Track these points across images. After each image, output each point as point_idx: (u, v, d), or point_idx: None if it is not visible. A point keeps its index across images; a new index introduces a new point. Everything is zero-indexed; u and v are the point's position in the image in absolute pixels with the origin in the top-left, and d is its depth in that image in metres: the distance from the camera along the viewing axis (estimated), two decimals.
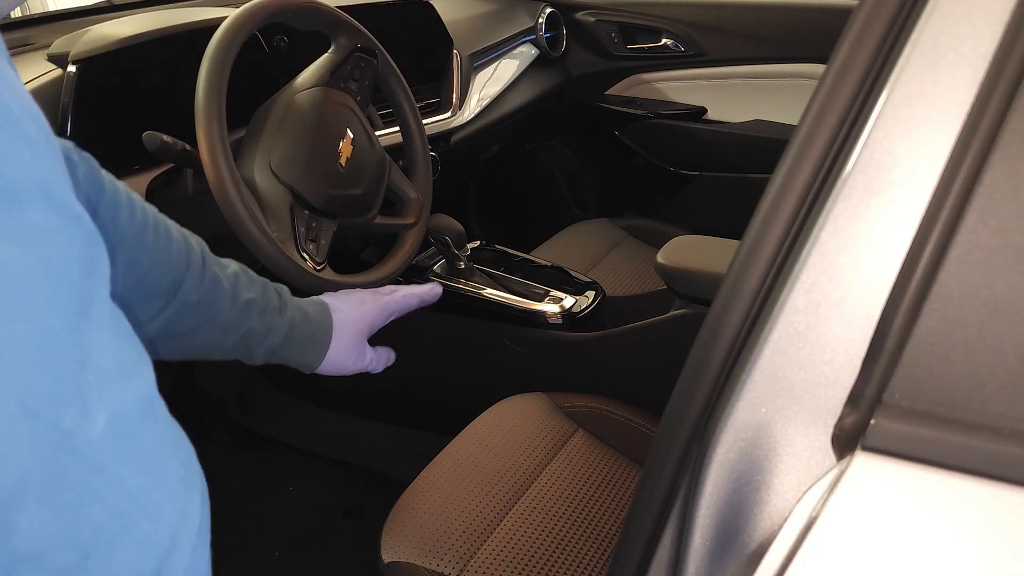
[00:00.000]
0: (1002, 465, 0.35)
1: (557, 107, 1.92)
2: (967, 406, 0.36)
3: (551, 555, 0.91)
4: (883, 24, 0.39)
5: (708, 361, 0.43)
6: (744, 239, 0.43)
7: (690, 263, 1.12)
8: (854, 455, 0.37)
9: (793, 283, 0.39)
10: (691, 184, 1.86)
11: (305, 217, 0.96)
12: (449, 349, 1.38)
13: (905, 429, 0.36)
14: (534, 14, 1.82)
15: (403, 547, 0.89)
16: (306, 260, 0.95)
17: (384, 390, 1.50)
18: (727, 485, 0.41)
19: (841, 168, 0.39)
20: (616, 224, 1.77)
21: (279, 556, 1.36)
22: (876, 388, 0.37)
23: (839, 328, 0.39)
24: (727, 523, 0.41)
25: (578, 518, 0.96)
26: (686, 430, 0.43)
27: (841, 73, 0.40)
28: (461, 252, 1.28)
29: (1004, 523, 0.35)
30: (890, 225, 0.38)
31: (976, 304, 0.36)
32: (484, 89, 1.61)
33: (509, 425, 1.08)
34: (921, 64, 0.38)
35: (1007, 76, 0.36)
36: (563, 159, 2.04)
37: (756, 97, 1.78)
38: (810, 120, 0.41)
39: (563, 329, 1.26)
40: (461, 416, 1.11)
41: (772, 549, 0.38)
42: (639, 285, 1.52)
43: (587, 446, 1.08)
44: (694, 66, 1.83)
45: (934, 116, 0.38)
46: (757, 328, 0.41)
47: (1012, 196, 0.35)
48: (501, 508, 0.95)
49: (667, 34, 1.82)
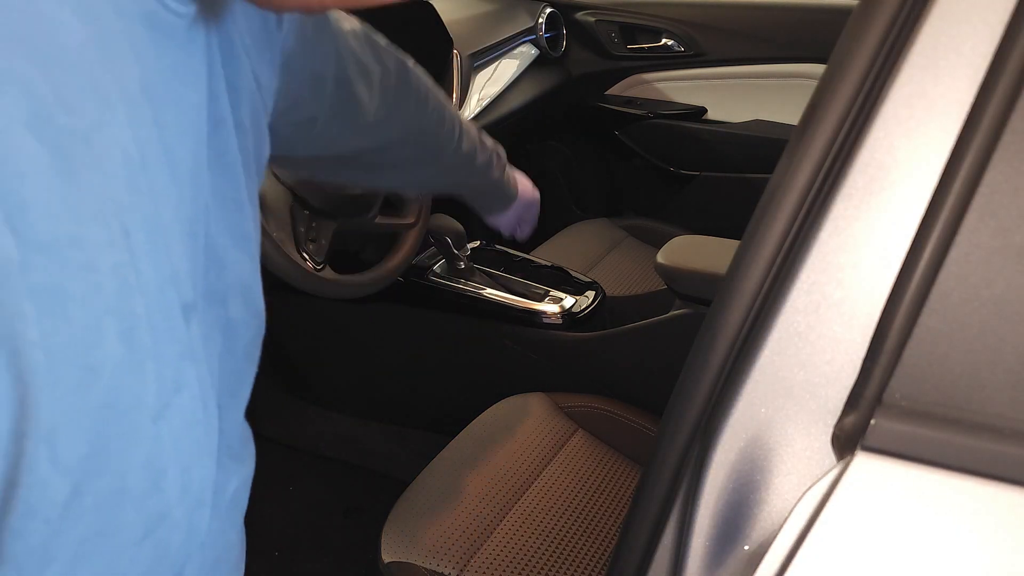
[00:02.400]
0: (1002, 465, 0.35)
1: (557, 107, 1.91)
2: (967, 406, 0.36)
3: (551, 555, 0.91)
4: (883, 24, 0.39)
5: (708, 361, 0.43)
6: (744, 239, 0.43)
7: (690, 263, 1.12)
8: (854, 455, 0.37)
9: (793, 283, 0.39)
10: (691, 184, 1.86)
11: (305, 217, 0.96)
12: (449, 349, 1.38)
13: (905, 429, 0.36)
14: (534, 14, 1.82)
15: (403, 547, 0.89)
16: (306, 260, 0.95)
17: (384, 390, 1.50)
18: (727, 485, 0.41)
19: (841, 168, 0.39)
20: (616, 224, 1.77)
21: (279, 556, 1.36)
22: (876, 388, 0.37)
23: (839, 328, 0.39)
24: (727, 523, 0.41)
25: (578, 518, 0.96)
26: (686, 430, 0.43)
27: (841, 73, 0.40)
28: (461, 252, 1.28)
29: (1004, 523, 0.35)
30: (890, 225, 0.38)
31: (976, 304, 0.36)
32: (484, 89, 1.61)
33: (509, 425, 1.08)
34: (921, 64, 0.38)
35: (1007, 76, 0.36)
36: (563, 159, 2.04)
37: (756, 97, 1.78)
38: (810, 120, 0.41)
39: (563, 329, 1.26)
40: (461, 416, 1.11)
41: (772, 549, 0.38)
42: (639, 285, 1.52)
43: (587, 446, 1.08)
44: (694, 66, 1.83)
45: (934, 116, 0.38)
46: (757, 328, 0.41)
47: (1012, 196, 0.35)
48: (501, 508, 0.95)
49: (667, 34, 1.82)
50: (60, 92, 0.24)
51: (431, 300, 1.32)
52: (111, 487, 0.26)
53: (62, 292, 0.23)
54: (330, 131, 0.62)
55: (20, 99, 0.22)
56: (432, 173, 0.83)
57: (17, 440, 0.22)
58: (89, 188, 0.24)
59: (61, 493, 0.24)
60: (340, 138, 0.65)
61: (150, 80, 0.28)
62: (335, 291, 1.03)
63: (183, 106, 0.31)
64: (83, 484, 0.25)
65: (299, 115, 0.57)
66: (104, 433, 0.25)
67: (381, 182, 0.88)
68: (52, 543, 0.25)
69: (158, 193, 0.28)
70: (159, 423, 0.28)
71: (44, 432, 0.23)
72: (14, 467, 0.22)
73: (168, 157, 0.29)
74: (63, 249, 0.23)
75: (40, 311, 0.22)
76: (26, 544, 0.24)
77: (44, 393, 0.23)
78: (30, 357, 0.22)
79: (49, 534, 0.24)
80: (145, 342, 0.27)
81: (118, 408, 0.26)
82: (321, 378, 1.56)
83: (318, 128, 0.60)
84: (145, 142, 0.28)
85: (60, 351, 0.23)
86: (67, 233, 0.23)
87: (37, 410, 0.22)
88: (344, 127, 0.63)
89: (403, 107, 0.70)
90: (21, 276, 0.22)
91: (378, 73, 0.64)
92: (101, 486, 0.26)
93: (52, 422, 0.23)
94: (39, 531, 0.24)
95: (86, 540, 0.26)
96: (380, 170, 0.77)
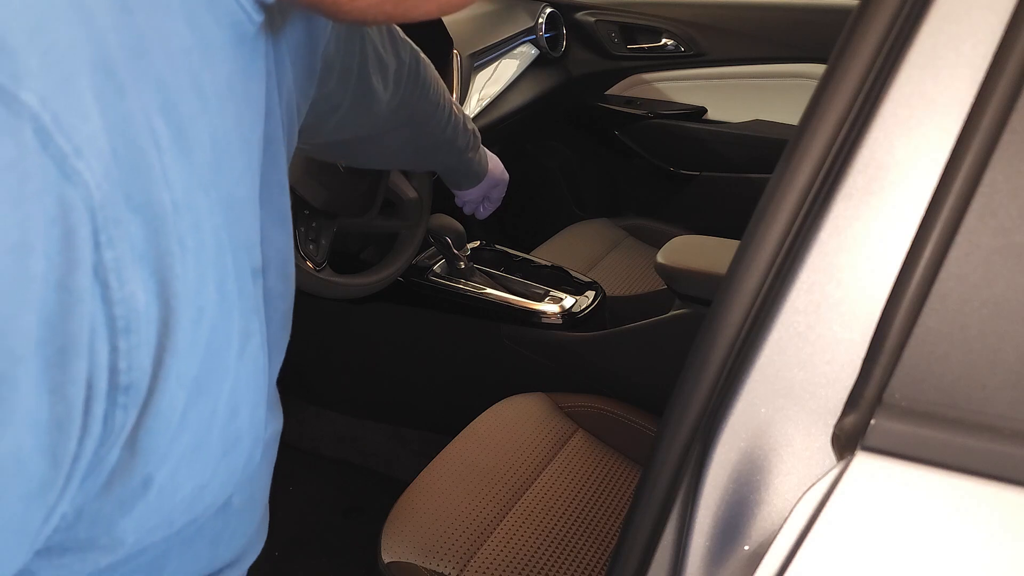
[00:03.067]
0: (1002, 465, 0.35)
1: (557, 107, 1.91)
2: (967, 406, 0.36)
3: (551, 555, 0.91)
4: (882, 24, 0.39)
5: (708, 361, 0.43)
6: (744, 239, 0.43)
7: (690, 263, 1.12)
8: (854, 455, 0.37)
9: (793, 283, 0.39)
10: (691, 184, 1.86)
11: (305, 217, 0.96)
12: (449, 349, 1.38)
13: (905, 429, 0.36)
14: (534, 14, 1.82)
15: (403, 547, 0.89)
16: (306, 260, 0.95)
17: (384, 390, 1.50)
18: (727, 485, 0.41)
19: (841, 168, 0.39)
20: (616, 224, 1.77)
21: (279, 556, 1.36)
22: (876, 388, 0.37)
23: (839, 328, 0.39)
24: (727, 523, 0.41)
25: (578, 518, 0.96)
26: (686, 430, 0.43)
27: (841, 73, 0.40)
28: (461, 252, 1.28)
29: (1004, 523, 0.35)
30: (890, 225, 0.38)
31: (976, 304, 0.36)
32: (484, 89, 1.61)
33: (509, 425, 1.08)
34: (921, 64, 0.38)
35: (1007, 76, 0.36)
36: (563, 159, 2.04)
37: (756, 97, 1.78)
38: (810, 120, 0.41)
39: (563, 329, 1.26)
40: (461, 416, 1.11)
41: (772, 549, 0.38)
42: (639, 285, 1.52)
43: (587, 446, 1.08)
44: (694, 66, 1.83)
45: (934, 116, 0.38)
46: (757, 328, 0.41)
47: (1012, 196, 0.35)
48: (501, 508, 0.95)
49: (667, 34, 1.82)
50: (178, 84, 0.29)
51: (431, 300, 1.32)
52: (208, 408, 0.32)
53: (183, 243, 0.29)
54: (348, 119, 0.68)
55: (155, 92, 0.28)
56: (422, 155, 0.88)
57: (159, 353, 0.28)
58: (195, 163, 0.30)
59: (179, 404, 0.30)
60: (352, 125, 0.70)
61: (234, 79, 0.34)
62: (335, 291, 1.03)
63: (251, 102, 0.36)
64: (192, 401, 0.31)
65: (326, 105, 0.63)
66: (206, 364, 0.31)
67: (371, 161, 0.94)
68: (170, 445, 0.30)
69: (236, 174, 0.34)
70: (239, 362, 0.34)
71: (175, 351, 0.28)
72: (155, 376, 0.28)
73: (245, 146, 0.35)
74: (182, 209, 0.29)
75: (181, 253, 0.28)
76: (153, 442, 0.29)
77: (178, 318, 0.28)
78: (173, 287, 0.28)
79: (169, 437, 0.30)
80: (231, 293, 0.33)
81: (214, 345, 0.31)
82: (321, 378, 1.56)
83: (338, 117, 0.67)
84: (230, 130, 0.33)
85: (183, 290, 0.29)
86: (184, 197, 0.29)
87: (174, 331, 0.28)
88: (360, 116, 0.69)
89: (415, 97, 0.76)
90: (173, 223, 0.28)
91: (394, 65, 0.71)
92: (202, 406, 0.32)
93: (179, 345, 0.29)
94: (163, 434, 0.30)
95: (190, 448, 0.32)
96: (376, 153, 0.83)
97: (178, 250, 0.28)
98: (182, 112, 0.29)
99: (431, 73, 0.78)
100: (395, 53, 0.71)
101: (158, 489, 0.31)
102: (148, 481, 0.30)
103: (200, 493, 0.35)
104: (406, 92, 0.74)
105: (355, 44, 0.62)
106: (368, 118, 0.71)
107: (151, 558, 0.37)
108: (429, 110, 0.80)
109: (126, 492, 0.30)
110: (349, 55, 0.62)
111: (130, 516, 0.31)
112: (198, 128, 0.30)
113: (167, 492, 0.32)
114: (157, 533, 0.34)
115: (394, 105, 0.73)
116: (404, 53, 0.73)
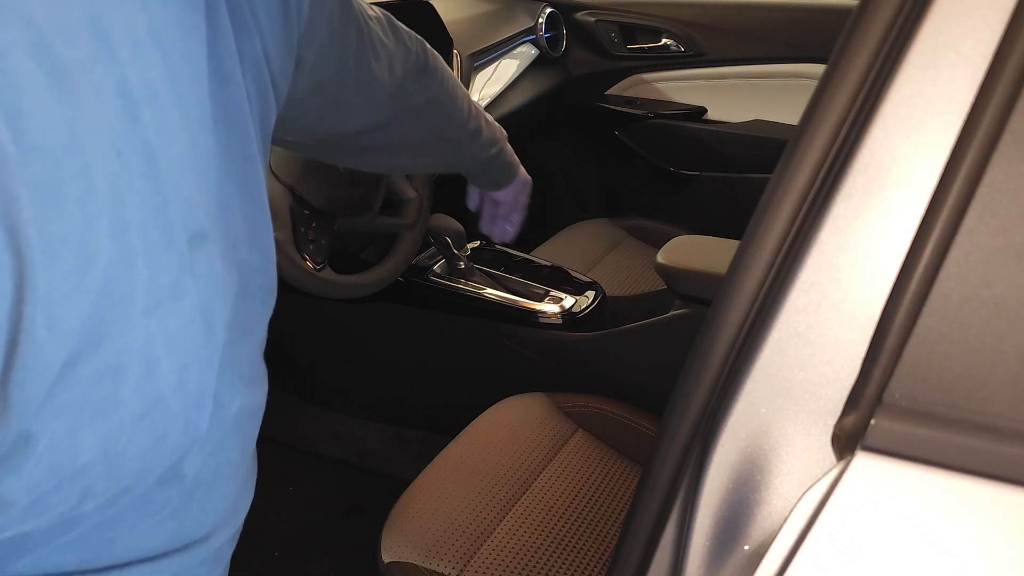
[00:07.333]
0: (1002, 465, 0.35)
1: (557, 107, 1.91)
2: (967, 406, 0.36)
3: (551, 555, 0.91)
4: (882, 24, 0.39)
5: (708, 361, 0.43)
6: (744, 239, 0.43)
7: (690, 263, 1.13)
8: (854, 455, 0.37)
9: (793, 283, 0.39)
10: (691, 184, 1.86)
11: (305, 217, 0.96)
12: (449, 349, 1.38)
13: (905, 429, 0.36)
14: (534, 14, 1.82)
15: (403, 547, 0.89)
16: (306, 260, 0.95)
17: (384, 390, 1.50)
18: (727, 485, 0.41)
19: (841, 168, 0.39)
20: (616, 224, 1.77)
21: (279, 556, 1.36)
22: (876, 388, 0.37)
23: (839, 328, 0.39)
24: (727, 523, 0.41)
25: (578, 518, 0.96)
26: (686, 430, 0.43)
27: (841, 73, 0.40)
28: (461, 252, 1.28)
29: (1004, 523, 0.35)
30: (890, 225, 0.38)
31: (976, 304, 0.36)
32: (484, 89, 1.61)
33: (509, 425, 1.08)
34: (921, 64, 0.38)
35: (1007, 76, 0.36)
36: (563, 159, 2.04)
37: (756, 97, 1.78)
38: (810, 120, 0.41)
39: (563, 329, 1.26)
40: (461, 416, 1.11)
41: (772, 549, 0.38)
42: (639, 285, 1.52)
43: (587, 446, 1.08)
44: (694, 66, 1.83)
45: (934, 116, 0.38)
46: (757, 328, 0.41)
47: (1012, 196, 0.35)
48: (501, 508, 0.95)
49: (667, 34, 1.82)
50: (60, 25, 0.28)
51: (431, 300, 1.32)
52: (108, 363, 0.31)
53: (57, 189, 0.27)
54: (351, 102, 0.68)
55: (22, 30, 0.26)
56: (446, 151, 0.87)
57: (16, 304, 0.26)
58: (86, 109, 0.28)
59: (57, 357, 0.28)
60: (357, 114, 0.70)
61: (158, 29, 0.33)
62: (335, 291, 1.03)
63: (190, 58, 0.35)
64: (79, 354, 0.29)
65: (325, 97, 0.63)
66: (99, 315, 0.30)
67: (398, 165, 0.93)
68: (50, 400, 0.29)
69: (167, 128, 0.33)
70: (149, 318, 0.32)
71: (40, 300, 0.27)
72: (15, 327, 0.27)
73: (180, 101, 0.34)
74: (58, 154, 0.27)
75: (34, 198, 0.27)
76: (25, 395, 0.28)
77: (40, 267, 0.27)
78: (25, 234, 0.26)
79: (46, 391, 0.29)
80: (135, 245, 0.31)
81: (112, 296, 0.30)
82: (321, 378, 1.56)
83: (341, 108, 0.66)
84: (155, 82, 0.32)
85: (57, 236, 0.27)
86: (62, 142, 0.27)
87: (34, 280, 0.27)
88: (362, 103, 0.69)
89: (431, 85, 0.76)
90: (17, 168, 0.26)
91: (400, 53, 0.71)
92: (97, 360, 0.30)
93: (49, 293, 0.27)
94: (36, 386, 0.28)
95: (86, 406, 0.30)
96: (398, 152, 0.82)
97: (28, 195, 0.26)
98: (61, 53, 0.28)
99: (444, 65, 0.79)
100: (400, 42, 0.71)
101: (48, 447, 0.30)
102: (28, 436, 0.29)
103: (118, 458, 0.33)
104: (418, 80, 0.74)
105: (351, 31, 0.62)
106: (372, 107, 0.71)
107: (91, 528, 0.36)
108: (447, 98, 0.80)
109: (3, 448, 0.28)
110: (344, 44, 0.62)
111: (17, 475, 0.29)
112: (95, 72, 0.29)
113: (64, 451, 0.30)
114: (70, 499, 0.32)
115: (410, 89, 0.73)
116: (411, 43, 0.73)
